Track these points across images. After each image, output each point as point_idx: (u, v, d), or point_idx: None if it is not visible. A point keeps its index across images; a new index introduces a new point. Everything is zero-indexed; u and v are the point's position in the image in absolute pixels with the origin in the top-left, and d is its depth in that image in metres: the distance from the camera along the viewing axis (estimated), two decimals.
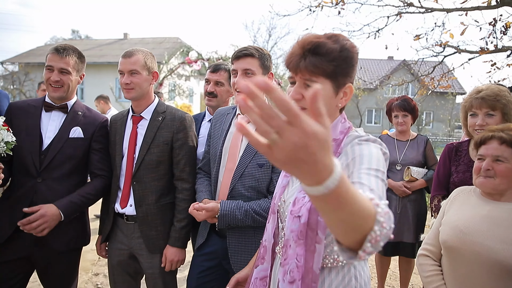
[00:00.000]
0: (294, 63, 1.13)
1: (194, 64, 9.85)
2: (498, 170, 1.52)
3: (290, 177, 1.32)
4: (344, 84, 1.17)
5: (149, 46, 22.10)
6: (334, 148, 1.18)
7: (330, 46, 1.10)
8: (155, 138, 2.09)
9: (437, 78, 8.55)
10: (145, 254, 2.12)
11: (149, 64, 2.12)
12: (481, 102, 2.05)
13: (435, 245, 1.69)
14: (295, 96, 1.15)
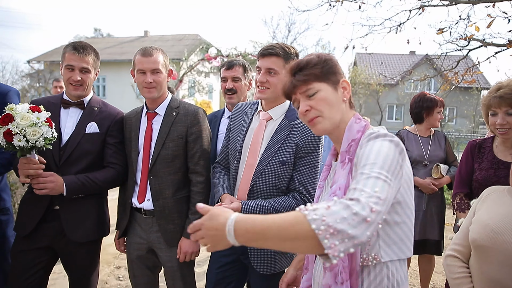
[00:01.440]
0: (289, 86, 1.31)
1: (214, 61, 9.87)
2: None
3: (322, 187, 1.41)
4: (338, 80, 1.32)
5: (169, 43, 22.34)
6: (354, 147, 1.23)
7: (307, 58, 1.31)
8: (170, 133, 2.13)
9: (461, 73, 8.30)
10: (164, 247, 2.16)
11: (167, 62, 2.17)
12: (500, 101, 2.00)
13: (464, 245, 1.64)
14: (304, 109, 1.27)
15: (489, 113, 2.10)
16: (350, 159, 1.23)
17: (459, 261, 1.64)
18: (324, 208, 0.93)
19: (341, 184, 1.21)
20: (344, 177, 1.22)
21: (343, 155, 1.26)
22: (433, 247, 3.22)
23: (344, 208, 0.93)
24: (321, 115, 1.27)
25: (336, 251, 0.89)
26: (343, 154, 1.26)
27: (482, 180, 2.09)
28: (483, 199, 1.70)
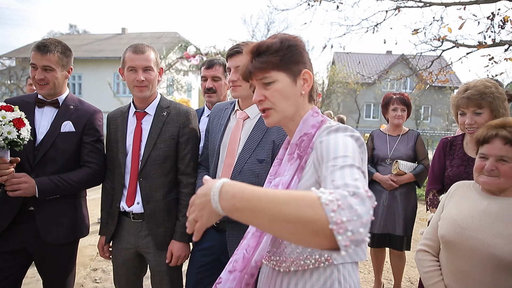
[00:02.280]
0: (245, 70, 1.21)
1: (193, 59, 9.79)
2: (503, 171, 1.51)
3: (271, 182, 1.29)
4: (300, 71, 1.21)
5: (147, 41, 21.93)
6: (306, 143, 1.17)
7: (269, 42, 1.18)
8: (161, 133, 2.08)
9: (435, 73, 8.55)
10: (153, 252, 2.11)
11: (158, 60, 2.12)
12: (467, 101, 2.05)
13: (434, 240, 1.70)
14: (257, 98, 1.20)
15: (458, 112, 2.17)
16: (299, 155, 1.17)
17: (429, 255, 1.70)
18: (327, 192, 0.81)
19: (285, 181, 1.15)
20: (290, 174, 1.15)
21: (293, 148, 1.20)
22: (397, 242, 3.30)
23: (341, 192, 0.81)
24: (274, 108, 1.20)
25: (342, 228, 0.74)
26: (293, 147, 1.20)
27: (453, 177, 2.16)
28: (451, 194, 1.76)
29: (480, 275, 1.46)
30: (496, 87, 2.03)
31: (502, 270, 1.42)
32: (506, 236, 1.42)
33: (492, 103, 2.01)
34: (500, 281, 1.43)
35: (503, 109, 2.03)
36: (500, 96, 2.01)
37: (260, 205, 0.78)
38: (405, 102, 3.38)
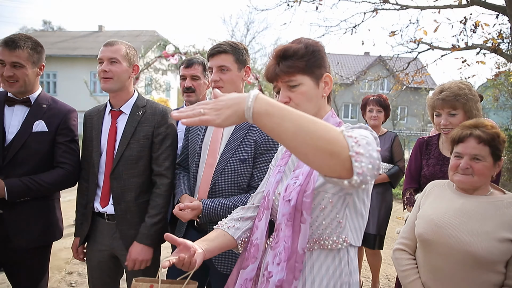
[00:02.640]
0: (271, 73, 1.27)
1: (171, 58, 9.67)
2: (477, 169, 1.56)
3: (283, 172, 1.38)
4: (322, 75, 1.29)
5: (125, 39, 21.43)
6: None
7: (295, 47, 1.25)
8: (135, 133, 2.02)
9: (412, 74, 8.76)
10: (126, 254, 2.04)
11: (130, 55, 2.05)
12: (442, 103, 2.11)
13: (411, 238, 1.73)
14: (283, 100, 1.26)
15: (434, 113, 2.22)
16: None
17: (406, 253, 1.73)
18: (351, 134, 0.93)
19: (305, 171, 1.24)
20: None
21: None
22: (371, 241, 3.35)
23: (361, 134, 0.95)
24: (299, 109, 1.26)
25: (359, 157, 0.87)
26: None
27: (429, 176, 2.21)
28: (427, 193, 1.79)
29: (456, 272, 1.49)
30: (469, 89, 2.09)
31: (477, 267, 1.45)
32: (480, 234, 1.46)
33: (465, 105, 2.06)
34: (475, 277, 1.47)
35: (476, 110, 2.09)
36: (473, 98, 2.07)
37: (291, 115, 0.88)
38: (381, 103, 3.42)
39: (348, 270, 1.24)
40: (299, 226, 1.21)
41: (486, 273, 1.46)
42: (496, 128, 1.60)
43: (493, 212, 1.50)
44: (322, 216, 1.22)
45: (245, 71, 1.98)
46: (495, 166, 1.58)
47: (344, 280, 1.23)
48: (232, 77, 1.90)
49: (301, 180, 1.24)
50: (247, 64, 1.98)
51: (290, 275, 1.21)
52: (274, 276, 1.23)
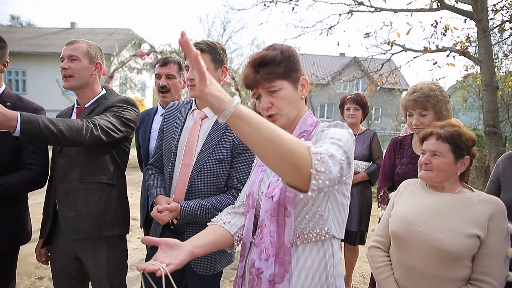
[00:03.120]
0: (251, 80, 1.30)
1: (147, 57, 9.54)
2: (435, 164, 1.64)
3: (265, 171, 1.41)
4: (298, 78, 1.34)
5: (98, 37, 21.14)
6: (305, 138, 1.32)
7: (272, 54, 1.30)
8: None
9: (385, 75, 8.97)
10: (90, 256, 1.99)
11: (92, 53, 2.01)
12: (414, 103, 2.17)
13: (385, 236, 1.77)
14: (265, 106, 1.30)
15: (406, 113, 2.28)
16: None
17: (380, 251, 1.77)
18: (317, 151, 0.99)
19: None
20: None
21: None
22: (353, 237, 3.42)
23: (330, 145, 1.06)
24: (279, 113, 1.31)
25: (318, 175, 0.95)
26: None
27: (402, 174, 2.27)
28: (400, 192, 1.84)
29: (427, 268, 1.54)
30: (440, 91, 2.16)
31: (447, 262, 1.50)
32: (450, 230, 1.51)
33: (436, 105, 2.13)
34: (445, 272, 1.52)
35: (446, 111, 2.16)
36: (443, 99, 2.14)
37: (264, 125, 0.94)
38: (358, 101, 3.46)
39: (333, 261, 1.28)
40: (284, 220, 1.24)
41: (455, 268, 1.51)
42: (460, 128, 1.67)
43: (461, 209, 1.56)
44: (305, 211, 1.24)
45: (221, 71, 1.97)
46: (457, 163, 1.64)
47: (330, 271, 1.27)
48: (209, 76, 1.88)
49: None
50: (224, 64, 1.97)
51: (281, 269, 1.24)
52: (265, 272, 1.25)
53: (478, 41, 7.07)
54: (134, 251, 4.49)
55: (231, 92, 13.05)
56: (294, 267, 1.25)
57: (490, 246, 1.49)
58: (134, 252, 4.43)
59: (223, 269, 1.99)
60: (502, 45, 9.71)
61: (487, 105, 6.91)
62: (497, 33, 7.54)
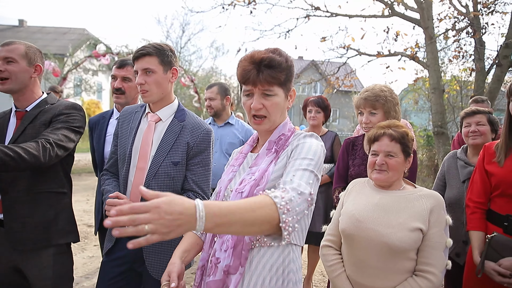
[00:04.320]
0: (252, 77, 1.30)
1: (102, 58, 9.26)
2: (391, 165, 1.72)
3: (237, 171, 1.45)
4: (291, 88, 1.41)
5: (50, 36, 20.21)
6: (283, 141, 1.39)
7: (278, 59, 1.32)
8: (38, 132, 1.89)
9: (342, 78, 9.28)
10: (34, 266, 1.90)
11: (30, 55, 1.93)
12: (365, 102, 2.28)
13: (336, 235, 1.84)
14: (257, 106, 1.32)
15: (358, 112, 2.38)
16: (277, 150, 1.37)
17: (332, 249, 1.83)
18: (280, 189, 1.12)
19: (262, 168, 1.33)
20: (267, 164, 1.34)
21: (271, 144, 1.39)
22: (318, 238, 3.49)
23: (292, 190, 1.12)
24: (268, 117, 1.35)
25: (288, 225, 1.05)
26: (271, 143, 1.39)
27: (355, 175, 2.35)
28: (349, 191, 1.92)
29: (376, 262, 1.62)
30: (390, 92, 2.28)
31: (393, 256, 1.59)
32: (395, 226, 1.61)
33: (384, 105, 2.24)
34: (392, 266, 1.61)
35: (394, 112, 2.28)
36: (392, 100, 2.26)
37: (234, 217, 0.96)
38: (320, 104, 3.51)
39: (291, 267, 1.32)
40: None
41: (401, 261, 1.60)
42: (406, 128, 1.78)
43: (405, 204, 1.66)
44: None
45: (172, 73, 1.95)
46: (406, 162, 1.74)
47: (288, 277, 1.31)
48: (158, 79, 1.86)
49: (257, 176, 1.31)
50: (173, 65, 1.96)
51: (236, 261, 1.28)
52: (222, 262, 1.30)
53: (425, 47, 7.50)
54: (90, 259, 4.33)
55: (190, 95, 12.93)
56: (252, 268, 1.29)
57: (431, 238, 1.60)
58: (91, 261, 4.27)
59: None
60: (447, 51, 10.36)
61: (435, 107, 7.35)
62: (443, 39, 8.03)
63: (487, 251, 1.88)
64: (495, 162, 1.96)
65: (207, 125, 1.97)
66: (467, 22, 7.02)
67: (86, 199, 7.34)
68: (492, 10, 6.93)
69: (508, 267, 1.77)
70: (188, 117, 1.97)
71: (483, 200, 2.00)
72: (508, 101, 1.91)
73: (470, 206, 2.06)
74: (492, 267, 1.81)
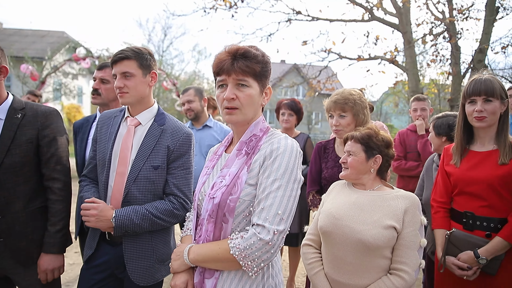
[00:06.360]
0: (227, 66, 1.30)
1: (83, 62, 9.12)
2: (349, 162, 1.83)
3: (210, 174, 1.45)
4: (266, 85, 1.40)
5: (28, 39, 19.76)
6: (254, 143, 1.37)
7: (255, 52, 1.34)
8: (16, 138, 1.85)
9: (323, 81, 9.39)
10: (22, 272, 1.89)
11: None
12: (334, 105, 2.34)
13: (316, 234, 1.88)
14: (230, 96, 1.31)
15: (329, 115, 2.44)
16: (247, 152, 1.36)
17: (312, 248, 1.88)
18: (240, 237, 1.24)
19: (232, 172, 1.33)
20: (237, 167, 1.34)
21: (242, 145, 1.38)
22: (293, 239, 3.52)
23: (252, 235, 1.21)
24: (240, 109, 1.33)
25: (249, 268, 1.23)
26: (242, 144, 1.38)
27: (329, 178, 2.41)
28: (329, 192, 1.98)
29: (351, 259, 1.67)
30: (359, 96, 2.35)
31: (367, 253, 1.64)
32: (370, 223, 1.66)
33: (353, 108, 2.30)
34: (367, 263, 1.65)
35: (363, 115, 2.34)
36: (361, 104, 2.32)
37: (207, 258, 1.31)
38: (293, 107, 3.55)
39: (270, 273, 1.34)
40: (221, 225, 1.31)
41: (376, 258, 1.65)
42: (373, 130, 1.85)
43: (381, 203, 1.72)
44: (245, 222, 1.31)
45: (151, 77, 1.96)
46: (369, 161, 1.80)
47: (268, 283, 1.32)
48: (137, 83, 1.87)
49: (227, 180, 1.31)
50: (152, 69, 1.96)
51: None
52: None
53: (404, 51, 7.67)
54: (70, 266, 4.24)
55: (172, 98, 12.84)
56: (231, 273, 1.30)
57: (405, 237, 1.65)
58: (71, 268, 4.19)
59: (163, 279, 1.97)
60: (425, 55, 10.63)
61: None
62: (421, 44, 8.24)
63: (447, 246, 2.00)
64: (452, 163, 2.08)
65: (187, 129, 1.98)
66: (444, 27, 7.23)
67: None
68: (467, 16, 7.15)
69: (465, 260, 1.90)
70: (168, 120, 1.97)
71: (445, 200, 2.11)
72: (463, 102, 2.02)
73: (433, 206, 2.16)
74: (452, 261, 1.95)
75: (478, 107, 1.92)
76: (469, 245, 1.91)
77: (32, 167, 1.91)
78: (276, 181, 1.24)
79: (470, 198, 1.97)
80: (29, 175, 1.90)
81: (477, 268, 1.87)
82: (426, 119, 3.83)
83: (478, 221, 1.92)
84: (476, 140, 2.04)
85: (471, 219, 1.95)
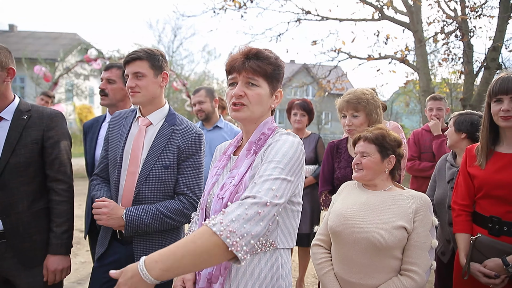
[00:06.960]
0: (239, 63, 1.32)
1: (94, 63, 9.22)
2: (364, 163, 1.79)
3: (220, 175, 1.44)
4: (277, 88, 1.41)
5: (41, 41, 20.09)
6: (262, 141, 1.37)
7: (268, 54, 1.35)
8: (22, 138, 1.88)
9: (333, 81, 9.35)
10: (23, 274, 1.89)
11: (2, 58, 1.86)
12: (347, 104, 2.32)
13: (326, 234, 1.87)
14: (239, 93, 1.31)
15: (341, 115, 2.42)
16: (255, 151, 1.35)
17: (322, 248, 1.87)
18: (221, 213, 1.06)
19: (241, 172, 1.33)
20: (246, 166, 1.33)
21: (251, 145, 1.38)
22: (304, 239, 3.52)
23: (237, 206, 1.07)
24: (248, 106, 1.33)
25: (238, 247, 1.01)
26: (251, 144, 1.38)
27: (341, 178, 2.39)
28: (339, 192, 1.97)
29: (361, 259, 1.66)
30: (372, 95, 2.32)
31: (377, 253, 1.63)
32: (379, 223, 1.65)
33: (366, 108, 2.28)
34: (377, 263, 1.64)
35: (376, 114, 2.32)
36: (374, 103, 2.30)
37: (177, 255, 0.99)
38: (305, 107, 3.56)
39: (281, 273, 1.32)
40: None
41: (386, 259, 1.64)
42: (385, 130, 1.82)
43: (391, 204, 1.70)
44: None
45: (162, 77, 1.98)
46: (384, 162, 1.79)
47: (278, 283, 1.31)
48: (148, 83, 1.90)
49: (236, 180, 1.31)
50: (164, 70, 1.99)
51: (217, 270, 1.29)
52: (205, 270, 1.32)
53: (415, 50, 7.59)
54: (82, 264, 4.31)
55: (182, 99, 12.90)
56: (239, 276, 1.29)
57: (416, 238, 1.63)
58: (83, 266, 4.26)
59: (173, 278, 1.98)
60: (436, 54, 10.50)
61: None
62: (432, 43, 8.14)
63: (472, 253, 1.90)
64: (477, 165, 1.97)
65: (197, 129, 1.99)
66: (456, 25, 7.13)
67: (79, 204, 7.20)
68: (480, 14, 7.04)
69: (492, 267, 1.80)
70: (179, 121, 1.99)
71: (468, 203, 2.02)
72: (489, 102, 1.93)
73: (455, 209, 2.08)
74: (478, 268, 1.85)
75: (504, 106, 1.81)
76: (496, 251, 1.82)
77: (36, 167, 1.93)
78: (272, 163, 1.21)
79: (496, 202, 1.86)
80: (33, 176, 1.92)
81: (505, 276, 1.77)
82: (442, 119, 3.73)
83: (506, 226, 1.82)
84: (502, 141, 1.93)
85: (497, 224, 1.84)
